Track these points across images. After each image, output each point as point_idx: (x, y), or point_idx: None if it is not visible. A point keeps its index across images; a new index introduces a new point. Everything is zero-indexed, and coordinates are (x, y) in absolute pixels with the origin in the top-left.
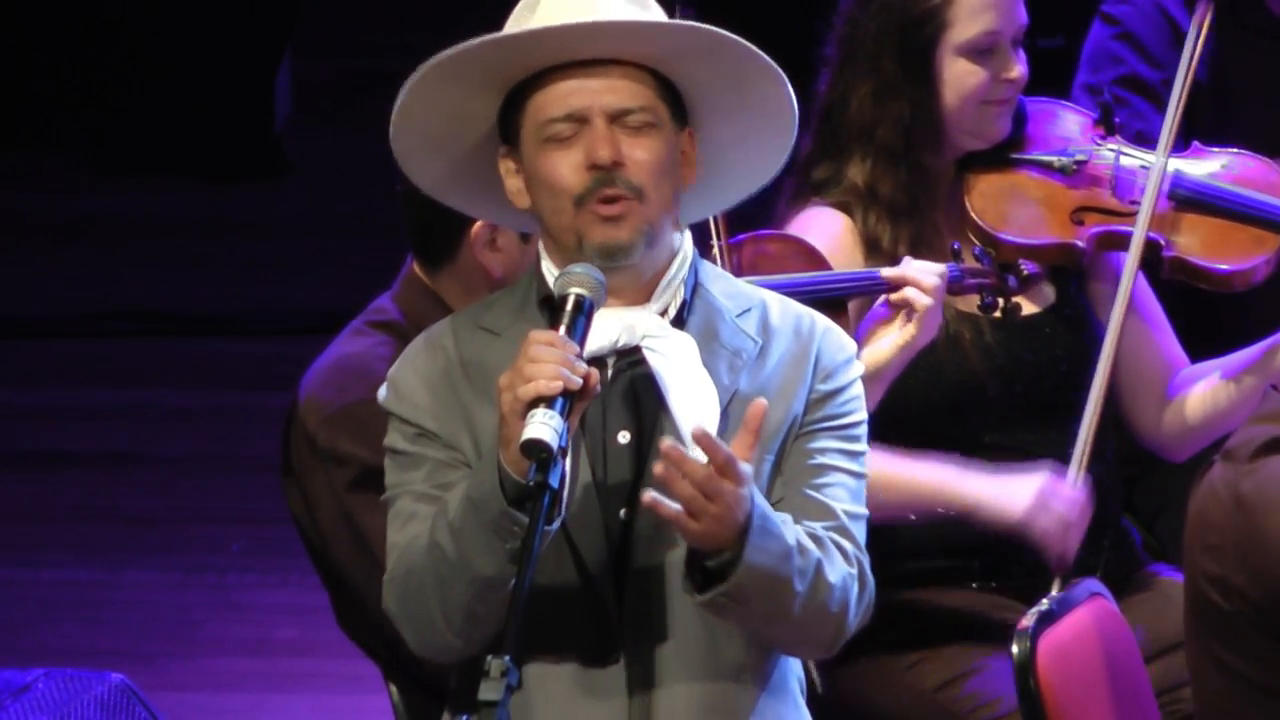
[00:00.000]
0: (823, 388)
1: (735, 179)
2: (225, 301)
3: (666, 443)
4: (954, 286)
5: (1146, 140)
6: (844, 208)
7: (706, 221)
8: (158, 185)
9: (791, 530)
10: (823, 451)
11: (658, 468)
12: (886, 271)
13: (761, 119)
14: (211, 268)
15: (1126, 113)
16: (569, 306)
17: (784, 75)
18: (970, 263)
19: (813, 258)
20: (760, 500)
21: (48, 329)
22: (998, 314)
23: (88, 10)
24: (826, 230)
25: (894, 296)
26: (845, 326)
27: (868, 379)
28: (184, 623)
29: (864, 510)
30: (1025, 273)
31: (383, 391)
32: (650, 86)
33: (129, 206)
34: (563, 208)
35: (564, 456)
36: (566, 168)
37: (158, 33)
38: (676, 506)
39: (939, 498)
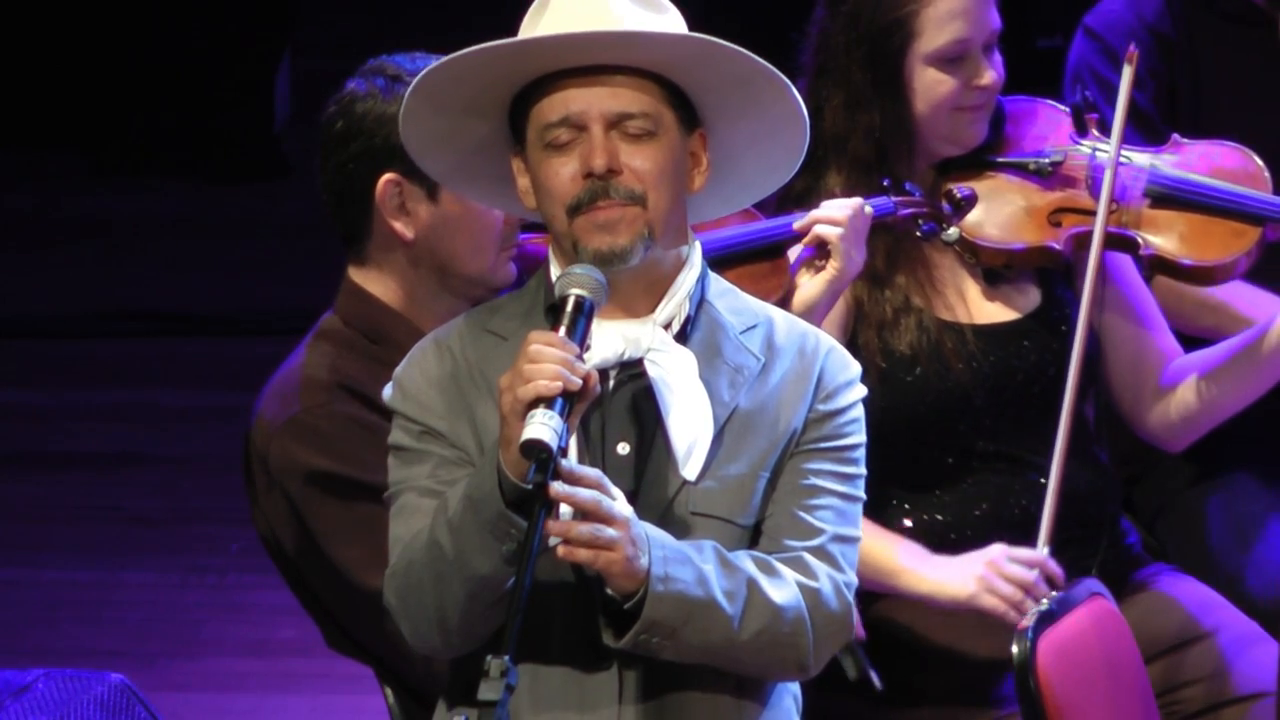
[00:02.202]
0: (822, 408)
1: (751, 179)
2: (225, 301)
3: (554, 487)
4: (890, 219)
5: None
6: None
7: None
8: (158, 185)
9: (709, 554)
10: (817, 473)
11: (550, 524)
12: (799, 222)
13: (771, 120)
14: (211, 268)
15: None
16: (569, 307)
17: (786, 79)
18: (900, 195)
19: (747, 214)
20: (654, 530)
21: (48, 329)
22: (943, 239)
23: (88, 11)
24: None
25: (808, 237)
26: (782, 274)
27: (800, 316)
28: (184, 623)
29: (855, 533)
30: (958, 196)
31: (388, 391)
32: (654, 92)
33: (129, 206)
34: (559, 215)
35: (564, 457)
36: (563, 176)
37: (158, 33)
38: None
39: (892, 584)
